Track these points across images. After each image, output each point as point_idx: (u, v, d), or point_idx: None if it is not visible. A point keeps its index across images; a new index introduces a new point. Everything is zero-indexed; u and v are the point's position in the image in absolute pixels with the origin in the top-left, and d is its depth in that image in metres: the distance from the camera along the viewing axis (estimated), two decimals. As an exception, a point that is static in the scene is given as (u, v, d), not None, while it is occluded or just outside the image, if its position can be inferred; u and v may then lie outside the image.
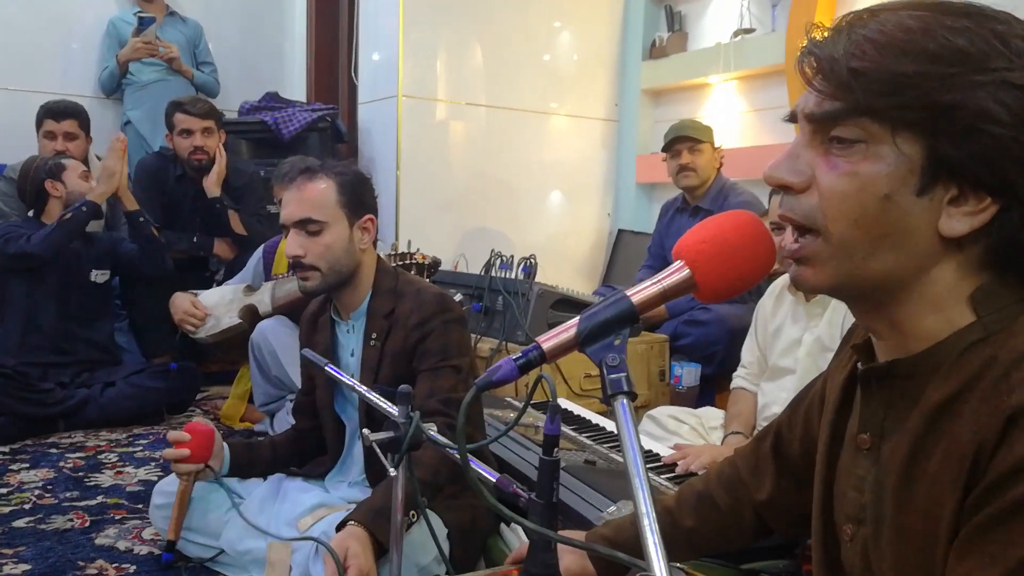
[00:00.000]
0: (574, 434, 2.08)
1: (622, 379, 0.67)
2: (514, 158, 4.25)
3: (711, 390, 2.92)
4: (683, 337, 2.99)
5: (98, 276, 3.11)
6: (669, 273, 0.73)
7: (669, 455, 1.92)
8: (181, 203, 3.50)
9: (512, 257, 3.01)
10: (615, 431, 0.67)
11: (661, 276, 0.73)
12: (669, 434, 2.20)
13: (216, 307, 2.85)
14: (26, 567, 1.76)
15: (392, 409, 1.15)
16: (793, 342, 2.03)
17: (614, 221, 4.59)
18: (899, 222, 0.68)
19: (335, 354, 1.80)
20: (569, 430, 2.11)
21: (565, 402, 2.45)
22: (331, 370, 1.34)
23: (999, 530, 0.63)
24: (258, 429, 2.89)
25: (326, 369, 1.35)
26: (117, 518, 2.05)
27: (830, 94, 0.69)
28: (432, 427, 1.12)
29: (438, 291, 1.74)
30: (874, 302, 0.74)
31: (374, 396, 1.22)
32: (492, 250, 3.08)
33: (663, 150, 3.32)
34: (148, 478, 2.36)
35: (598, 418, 2.26)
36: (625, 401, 0.66)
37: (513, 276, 2.95)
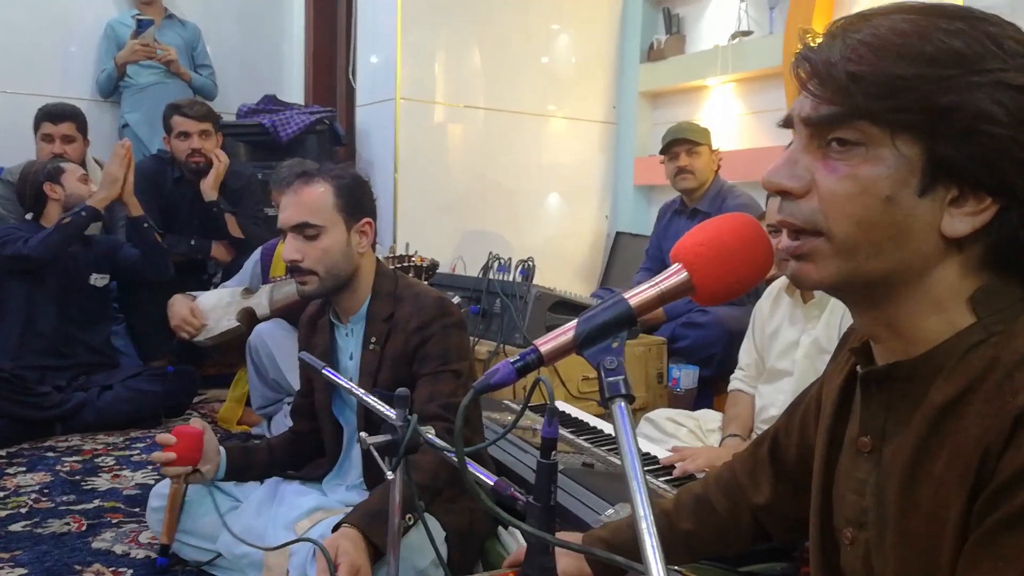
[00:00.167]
0: (572, 437, 2.08)
1: (620, 382, 0.67)
2: (512, 160, 4.25)
3: (709, 392, 2.91)
4: (681, 339, 2.99)
5: (97, 280, 3.11)
6: (667, 276, 0.72)
7: (667, 457, 1.91)
8: (179, 206, 3.50)
9: (510, 259, 3.01)
10: (613, 434, 0.67)
11: (659, 279, 0.72)
12: (667, 436, 2.20)
13: (214, 310, 2.84)
14: (23, 571, 1.75)
15: (389, 412, 1.14)
16: (791, 344, 2.03)
17: (612, 223, 4.59)
18: (902, 223, 0.68)
19: (334, 357, 1.80)
20: (567, 433, 2.11)
21: (563, 405, 2.44)
22: (328, 373, 1.34)
23: (1010, 534, 0.63)
24: (255, 432, 2.88)
25: (323, 372, 1.34)
26: (114, 522, 2.05)
27: (827, 98, 0.69)
28: (431, 431, 1.12)
29: (438, 295, 1.74)
30: (875, 301, 0.74)
31: (370, 399, 1.22)
32: (490, 252, 3.07)
33: (661, 152, 3.33)
34: (145, 481, 2.36)
35: (596, 421, 2.26)
36: (623, 404, 0.66)
37: (511, 278, 2.95)
